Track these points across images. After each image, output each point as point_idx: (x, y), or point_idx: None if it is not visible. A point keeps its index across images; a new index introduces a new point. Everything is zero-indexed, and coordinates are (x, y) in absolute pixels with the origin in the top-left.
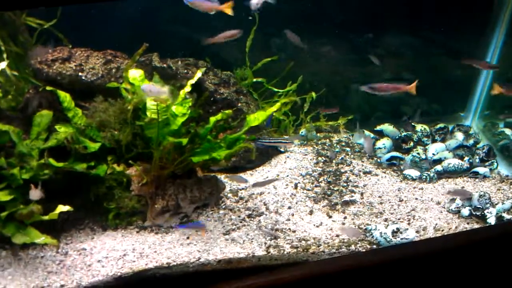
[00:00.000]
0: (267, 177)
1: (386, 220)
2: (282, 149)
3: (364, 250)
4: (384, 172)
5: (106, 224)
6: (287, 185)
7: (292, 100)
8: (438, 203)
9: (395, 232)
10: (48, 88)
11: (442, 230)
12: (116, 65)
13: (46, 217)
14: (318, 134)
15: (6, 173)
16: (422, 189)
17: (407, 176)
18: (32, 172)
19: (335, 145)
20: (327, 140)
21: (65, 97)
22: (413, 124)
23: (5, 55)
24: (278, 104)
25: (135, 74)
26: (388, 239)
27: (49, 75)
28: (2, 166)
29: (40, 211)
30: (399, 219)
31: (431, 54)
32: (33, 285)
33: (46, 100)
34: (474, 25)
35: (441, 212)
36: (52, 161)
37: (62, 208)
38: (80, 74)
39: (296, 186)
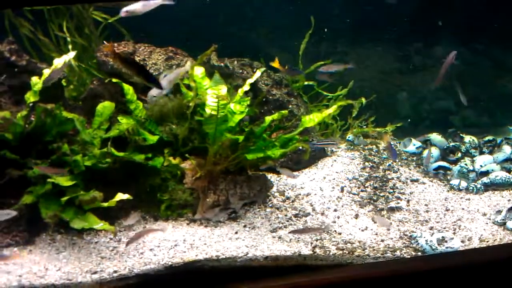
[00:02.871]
0: (314, 179)
1: (431, 228)
2: (328, 152)
3: (409, 257)
4: (431, 181)
5: (157, 215)
6: (333, 188)
7: (345, 104)
8: (484, 214)
9: (440, 241)
10: (114, 80)
11: (487, 241)
12: (177, 61)
13: (105, 204)
14: (365, 140)
15: (68, 159)
16: (468, 199)
17: (454, 186)
18: (94, 160)
19: (381, 151)
20: (374, 146)
21: (128, 89)
22: (461, 135)
23: (70, 46)
24: (335, 107)
25: (197, 71)
26: (433, 247)
27: (114, 67)
28: (65, 152)
29: (102, 197)
30: (444, 228)
31: (481, 66)
32: (86, 269)
33: (109, 91)
34: None
35: (487, 223)
36: (113, 150)
37: (121, 196)
38: None
39: (342, 190)
